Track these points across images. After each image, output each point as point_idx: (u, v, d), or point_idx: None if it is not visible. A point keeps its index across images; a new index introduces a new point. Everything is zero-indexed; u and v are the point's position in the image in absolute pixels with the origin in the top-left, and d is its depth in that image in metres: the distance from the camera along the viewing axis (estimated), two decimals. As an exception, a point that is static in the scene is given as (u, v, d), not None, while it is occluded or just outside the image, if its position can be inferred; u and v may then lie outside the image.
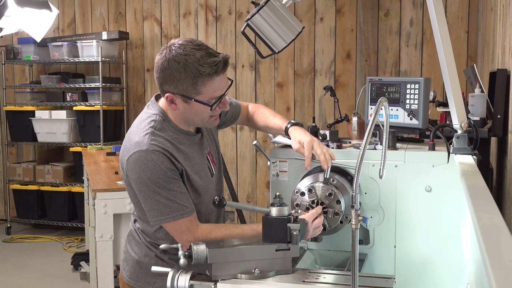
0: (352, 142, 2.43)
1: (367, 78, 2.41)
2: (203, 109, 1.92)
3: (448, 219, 2.11)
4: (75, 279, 5.08)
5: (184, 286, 1.68)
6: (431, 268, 2.15)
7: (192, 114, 1.95)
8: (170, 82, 1.88)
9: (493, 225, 1.20)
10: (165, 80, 1.89)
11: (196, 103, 1.90)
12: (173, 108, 1.93)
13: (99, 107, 6.20)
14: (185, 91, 1.88)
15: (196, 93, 1.88)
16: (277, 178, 2.31)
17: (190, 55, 1.84)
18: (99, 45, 6.20)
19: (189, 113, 1.94)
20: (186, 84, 1.86)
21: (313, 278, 1.72)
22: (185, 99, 1.90)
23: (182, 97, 1.89)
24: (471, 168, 1.86)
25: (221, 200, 1.68)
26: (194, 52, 1.85)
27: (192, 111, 1.93)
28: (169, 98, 1.91)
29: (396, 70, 5.60)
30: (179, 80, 1.86)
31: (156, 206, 1.88)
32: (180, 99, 1.90)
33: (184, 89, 1.87)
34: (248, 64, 6.09)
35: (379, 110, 1.51)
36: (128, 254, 2.13)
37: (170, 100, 1.91)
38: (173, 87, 1.88)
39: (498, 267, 0.91)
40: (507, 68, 2.61)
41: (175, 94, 1.89)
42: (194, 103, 1.90)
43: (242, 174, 6.19)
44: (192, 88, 1.87)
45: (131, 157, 1.88)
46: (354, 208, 1.44)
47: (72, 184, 6.47)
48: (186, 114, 1.95)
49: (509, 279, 0.87)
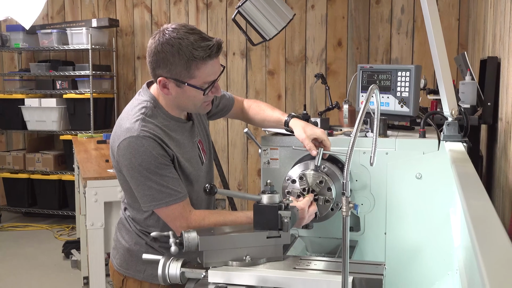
0: (343, 129, 2.43)
1: (358, 65, 2.41)
2: (196, 94, 1.91)
3: (438, 206, 2.12)
4: (66, 267, 5.08)
5: (175, 273, 1.69)
6: (421, 254, 2.16)
7: (185, 99, 1.93)
8: (163, 65, 1.86)
9: (483, 212, 1.21)
10: (158, 64, 1.87)
11: (189, 87, 1.89)
12: (166, 93, 1.92)
13: (89, 95, 6.16)
14: (178, 75, 1.86)
15: (189, 77, 1.87)
16: (268, 166, 2.31)
17: (184, 38, 1.83)
18: (89, 33, 6.15)
19: (181, 98, 1.93)
20: (180, 68, 1.85)
21: (304, 265, 1.73)
22: (178, 83, 1.88)
23: (175, 81, 1.88)
24: (461, 156, 1.87)
25: (212, 188, 1.67)
26: (187, 35, 1.84)
27: (184, 95, 1.92)
28: (162, 83, 1.89)
29: (387, 58, 5.60)
30: (173, 63, 1.84)
31: (148, 192, 1.87)
32: (173, 83, 1.89)
33: (178, 73, 1.86)
34: (239, 52, 6.07)
35: (370, 98, 1.51)
36: (118, 242, 2.12)
37: (162, 85, 1.89)
38: (166, 71, 1.87)
39: (487, 254, 0.92)
40: (498, 55, 2.62)
41: (168, 78, 1.88)
42: (187, 87, 1.89)
43: (233, 162, 6.19)
44: (185, 72, 1.86)
45: (122, 143, 1.87)
46: (345, 195, 1.44)
47: (63, 172, 6.45)
48: (179, 99, 1.94)
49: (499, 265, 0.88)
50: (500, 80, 2.50)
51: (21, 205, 6.68)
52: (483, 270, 0.84)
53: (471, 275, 1.31)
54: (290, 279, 1.63)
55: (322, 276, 1.64)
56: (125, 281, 2.09)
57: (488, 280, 0.79)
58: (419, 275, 2.16)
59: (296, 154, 2.25)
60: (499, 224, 1.10)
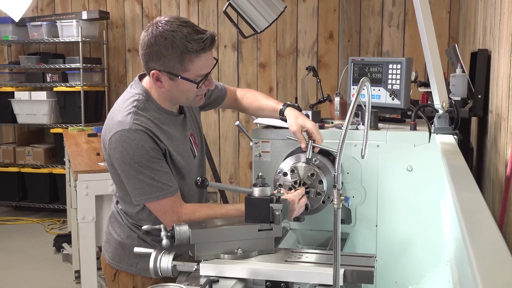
0: (334, 122, 2.43)
1: (350, 58, 2.41)
2: (189, 87, 1.90)
3: (429, 198, 2.13)
4: (57, 261, 5.07)
5: (167, 267, 1.69)
6: (412, 246, 2.17)
7: (178, 92, 1.92)
8: (156, 58, 1.85)
9: (473, 204, 1.22)
10: (151, 57, 1.86)
11: (182, 80, 1.88)
12: (159, 86, 1.91)
13: (79, 88, 6.13)
14: (172, 68, 1.86)
15: (182, 70, 1.86)
16: (260, 159, 2.31)
17: (177, 31, 1.82)
18: (79, 25, 6.11)
19: (174, 91, 1.92)
20: (173, 61, 1.84)
21: (296, 257, 1.73)
22: (171, 76, 1.87)
23: (168, 74, 1.87)
24: (452, 148, 1.87)
25: (204, 181, 1.67)
26: (181, 28, 1.83)
27: (178, 89, 1.91)
28: (155, 76, 1.88)
29: (378, 51, 5.61)
30: (166, 56, 1.83)
31: (139, 186, 1.87)
32: (166, 76, 1.88)
33: (171, 66, 1.85)
34: (231, 45, 6.05)
35: (361, 90, 1.51)
36: (110, 236, 2.12)
37: (155, 78, 1.88)
38: (160, 64, 1.86)
39: (477, 246, 0.92)
40: (488, 48, 2.62)
41: (161, 72, 1.87)
42: (180, 80, 1.88)
43: (224, 155, 6.18)
44: (179, 65, 1.85)
45: (114, 137, 1.86)
46: (336, 188, 1.44)
47: (53, 166, 6.42)
48: (172, 92, 1.93)
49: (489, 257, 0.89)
50: (491, 72, 2.51)
51: (11, 199, 6.66)
52: (473, 262, 0.84)
53: (461, 266, 1.32)
54: (281, 271, 1.64)
55: (314, 269, 1.65)
56: (117, 275, 2.09)
57: (478, 272, 0.80)
58: (410, 267, 2.17)
59: (287, 147, 2.26)
60: (489, 216, 1.10)
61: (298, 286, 1.65)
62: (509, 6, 2.02)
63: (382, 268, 2.15)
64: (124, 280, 2.08)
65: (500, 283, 0.77)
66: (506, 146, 1.98)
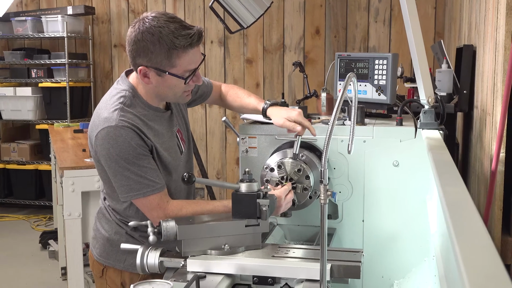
0: (321, 117, 2.44)
1: (336, 54, 2.41)
2: (177, 83, 1.90)
3: (415, 193, 2.14)
4: (43, 258, 5.04)
5: (154, 263, 1.68)
6: (398, 241, 2.18)
7: (166, 88, 1.92)
8: (143, 55, 1.84)
9: (459, 199, 1.22)
10: (138, 53, 1.85)
11: (170, 76, 1.87)
12: (146, 82, 1.90)
13: (65, 83, 6.08)
14: (159, 64, 1.85)
15: (170, 66, 1.85)
16: (247, 154, 2.31)
17: (164, 27, 1.81)
18: (64, 20, 6.06)
19: (162, 87, 1.91)
20: (161, 57, 1.83)
21: (283, 253, 1.73)
22: (159, 72, 1.86)
23: (156, 70, 1.86)
24: (438, 143, 1.88)
25: (190, 177, 1.67)
26: (168, 24, 1.82)
27: (165, 85, 1.90)
28: (142, 72, 1.87)
29: (364, 46, 5.62)
30: (153, 52, 1.83)
31: (126, 182, 1.86)
32: (153, 72, 1.87)
33: (158, 62, 1.84)
34: (217, 40, 6.04)
35: (348, 86, 1.51)
36: (98, 232, 2.11)
37: (143, 74, 1.88)
38: (147, 60, 1.85)
39: (463, 240, 0.93)
40: (473, 44, 2.64)
41: (149, 67, 1.86)
42: (167, 76, 1.87)
43: (211, 151, 6.17)
44: (166, 61, 1.84)
45: (100, 133, 1.85)
46: (323, 183, 1.44)
47: (39, 162, 6.37)
48: (159, 88, 1.92)
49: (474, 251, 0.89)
50: (476, 68, 2.53)
51: (-4, 195, 6.61)
52: (459, 256, 0.85)
53: (447, 261, 1.33)
54: (268, 267, 1.64)
55: (301, 264, 1.65)
56: (105, 271, 2.09)
57: (464, 266, 0.80)
58: (396, 261, 2.18)
59: (274, 143, 2.26)
60: (475, 210, 1.11)
61: (285, 281, 1.65)
62: (493, 2, 2.03)
63: (368, 262, 2.16)
64: (112, 276, 2.07)
65: (485, 277, 0.78)
66: (491, 141, 2.00)
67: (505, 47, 1.81)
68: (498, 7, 1.93)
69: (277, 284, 1.65)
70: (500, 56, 1.87)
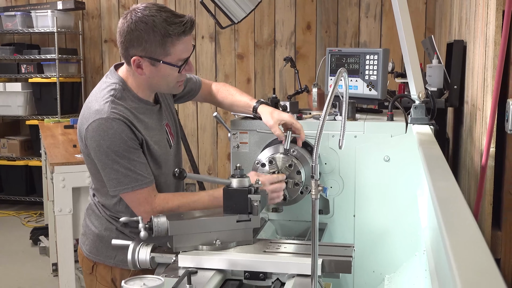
0: (312, 113, 2.44)
1: (327, 49, 2.41)
2: (171, 72, 1.90)
3: (406, 188, 2.14)
4: (34, 254, 5.02)
5: (145, 259, 1.68)
6: (389, 236, 2.19)
7: (159, 78, 1.91)
8: (137, 44, 1.84)
9: (449, 194, 1.23)
10: (131, 43, 1.85)
11: (163, 66, 1.87)
12: (139, 73, 1.89)
13: (55, 79, 6.05)
14: (153, 53, 1.85)
15: (164, 55, 1.85)
16: (238, 150, 2.31)
17: (157, 16, 1.82)
18: (54, 15, 6.03)
19: (155, 77, 1.91)
20: (155, 45, 1.83)
21: (274, 248, 1.74)
22: (153, 61, 1.86)
23: (150, 59, 1.86)
24: (428, 138, 1.89)
25: (182, 172, 1.67)
26: (160, 13, 1.83)
27: (159, 74, 1.90)
28: (136, 62, 1.86)
29: (355, 41, 5.63)
30: (147, 41, 1.83)
31: (115, 176, 1.86)
32: (147, 62, 1.87)
33: (152, 50, 1.84)
34: (208, 35, 6.02)
35: (339, 81, 1.51)
36: (87, 228, 2.10)
37: (136, 65, 1.87)
38: (141, 50, 1.84)
39: (453, 234, 0.93)
40: (464, 39, 2.65)
41: (143, 57, 1.86)
42: (161, 66, 1.87)
43: (203, 146, 6.17)
44: (160, 49, 1.84)
45: (91, 125, 1.84)
46: (314, 178, 1.44)
47: (29, 158, 6.34)
48: (153, 78, 1.92)
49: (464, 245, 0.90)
50: (466, 63, 2.53)
51: (-14, 191, 6.57)
52: (449, 251, 0.85)
53: (437, 255, 1.33)
54: (260, 262, 1.64)
55: (292, 259, 1.65)
56: (95, 267, 2.08)
57: (454, 260, 0.81)
58: (387, 256, 2.19)
59: (265, 138, 2.26)
60: (465, 205, 1.11)
61: (276, 276, 1.65)
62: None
63: (359, 257, 2.16)
64: (102, 273, 2.06)
65: (475, 271, 0.78)
66: (481, 136, 2.01)
67: (495, 42, 1.82)
68: (488, 3, 1.93)
69: (268, 279, 1.65)
70: (490, 51, 1.88)
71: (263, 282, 1.65)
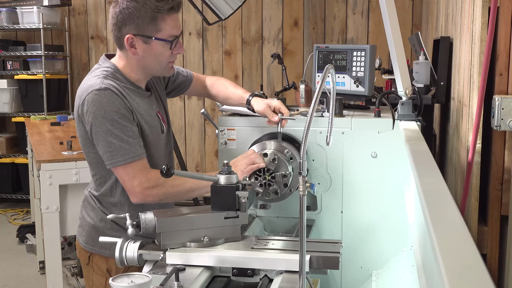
0: (299, 109, 2.44)
1: (314, 45, 2.42)
2: (163, 50, 1.97)
3: (393, 184, 2.15)
4: (21, 252, 4.99)
5: (133, 256, 1.67)
6: (377, 232, 2.20)
7: (152, 57, 1.98)
8: (130, 22, 1.93)
9: (436, 189, 1.23)
10: (124, 22, 1.93)
11: (156, 43, 1.95)
12: (133, 52, 1.97)
13: (41, 76, 6.01)
14: (146, 30, 1.94)
15: (156, 31, 1.94)
16: (226, 147, 2.31)
17: None
18: (40, 11, 5.98)
19: (148, 56, 1.98)
20: (146, 21, 1.92)
21: (262, 244, 1.74)
22: (145, 39, 1.95)
23: (142, 37, 1.94)
24: (415, 134, 1.90)
25: (169, 169, 1.66)
26: None
27: (151, 53, 1.97)
28: (129, 41, 1.94)
29: (343, 38, 5.63)
30: (139, 17, 1.92)
31: (109, 149, 1.90)
32: (140, 40, 1.95)
33: (145, 27, 1.93)
34: (195, 32, 6.01)
35: (326, 78, 1.51)
36: (83, 220, 2.14)
37: (129, 44, 1.95)
38: (134, 27, 1.93)
39: (440, 230, 0.94)
40: (450, 36, 2.66)
41: (136, 36, 1.94)
42: (154, 43, 1.95)
43: (190, 143, 6.15)
44: (152, 25, 1.93)
45: (86, 99, 1.91)
46: (302, 174, 1.45)
47: (16, 156, 6.30)
48: (146, 58, 1.98)
49: (451, 241, 0.90)
50: (453, 60, 2.55)
51: (-28, 189, 6.52)
52: (436, 246, 0.85)
53: (424, 251, 1.34)
54: (248, 259, 1.64)
55: (280, 255, 1.65)
56: (91, 258, 2.12)
57: (441, 256, 0.81)
58: (374, 252, 2.20)
59: (253, 135, 2.26)
60: (451, 200, 1.12)
61: (264, 273, 1.66)
62: (470, -6, 2.04)
63: (347, 253, 2.17)
64: (98, 263, 2.10)
65: (461, 266, 0.79)
66: (467, 132, 2.02)
67: (481, 39, 1.83)
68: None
69: (256, 275, 1.65)
70: (476, 48, 1.89)
71: (251, 278, 1.65)
